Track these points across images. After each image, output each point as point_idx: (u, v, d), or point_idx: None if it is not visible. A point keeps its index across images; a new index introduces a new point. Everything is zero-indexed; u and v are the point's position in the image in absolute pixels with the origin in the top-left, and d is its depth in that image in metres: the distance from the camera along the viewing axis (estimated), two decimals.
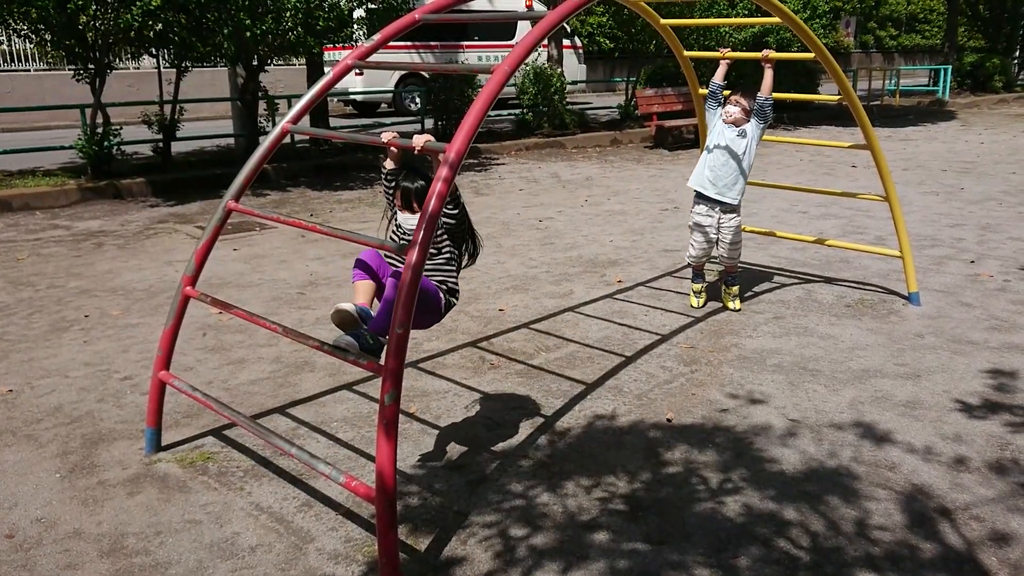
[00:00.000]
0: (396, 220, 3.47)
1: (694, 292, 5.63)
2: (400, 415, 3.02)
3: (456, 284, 3.45)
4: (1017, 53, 27.05)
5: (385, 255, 3.39)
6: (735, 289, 5.58)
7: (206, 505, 3.25)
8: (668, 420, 3.94)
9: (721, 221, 5.35)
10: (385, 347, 3.11)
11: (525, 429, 3.88)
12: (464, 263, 3.56)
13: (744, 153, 5.23)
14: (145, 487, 3.38)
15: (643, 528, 3.06)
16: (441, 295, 3.35)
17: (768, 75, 5.20)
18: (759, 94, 5.21)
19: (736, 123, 5.26)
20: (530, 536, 3.02)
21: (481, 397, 4.23)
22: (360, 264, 3.34)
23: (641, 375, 4.48)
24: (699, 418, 3.96)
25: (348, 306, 3.18)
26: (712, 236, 5.41)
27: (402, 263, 3.10)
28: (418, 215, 3.16)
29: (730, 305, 5.55)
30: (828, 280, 6.20)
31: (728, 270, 5.53)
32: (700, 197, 5.39)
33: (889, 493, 3.27)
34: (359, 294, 3.30)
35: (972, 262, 6.62)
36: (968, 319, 5.28)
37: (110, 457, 3.63)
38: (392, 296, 3.02)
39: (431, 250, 3.30)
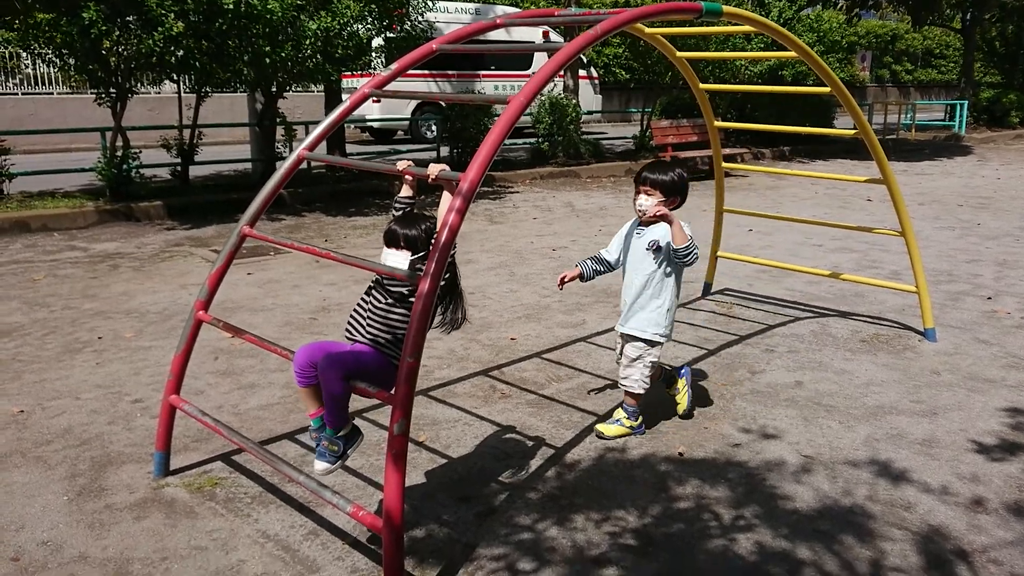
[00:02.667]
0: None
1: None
2: (409, 444, 3.00)
3: None
4: None
5: (356, 317, 3.19)
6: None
7: (212, 531, 3.23)
8: (680, 454, 3.89)
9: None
10: (346, 439, 3.14)
11: (535, 460, 3.84)
12: (443, 330, 3.33)
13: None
14: (152, 512, 3.37)
15: (654, 564, 3.01)
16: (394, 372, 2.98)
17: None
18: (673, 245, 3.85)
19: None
20: (538, 570, 2.98)
21: (491, 427, 4.20)
22: (300, 364, 3.11)
23: (653, 407, 4.44)
24: (711, 452, 3.91)
25: (322, 467, 3.14)
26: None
27: (377, 332, 3.09)
28: (401, 252, 3.10)
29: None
30: (843, 314, 6.15)
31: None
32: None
33: (905, 533, 3.22)
34: (309, 402, 3.16)
35: (989, 298, 6.56)
36: (985, 356, 5.22)
37: (118, 480, 3.62)
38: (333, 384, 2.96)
39: (403, 325, 3.06)
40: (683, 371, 4.37)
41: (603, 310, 6.25)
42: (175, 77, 10.64)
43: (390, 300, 3.10)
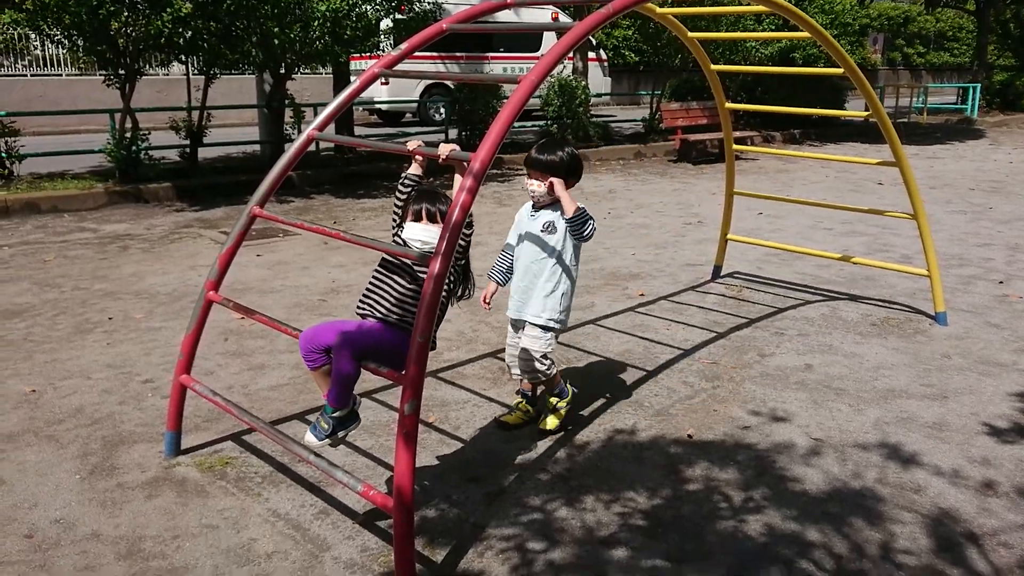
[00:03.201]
0: (401, 233, 3.22)
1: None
2: (419, 425, 3.01)
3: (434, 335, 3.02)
4: None
5: (374, 297, 3.15)
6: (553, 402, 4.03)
7: (224, 510, 3.25)
8: (689, 436, 3.89)
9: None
10: (345, 420, 3.13)
11: (544, 442, 3.84)
12: (453, 303, 3.34)
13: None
14: (163, 490, 3.39)
15: (663, 545, 3.02)
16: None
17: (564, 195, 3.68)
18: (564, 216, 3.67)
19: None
20: (547, 550, 2.99)
21: (500, 408, 4.20)
22: (304, 348, 3.09)
23: (662, 390, 4.44)
24: (720, 435, 3.91)
25: (309, 439, 3.13)
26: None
27: (401, 313, 3.08)
28: (427, 225, 3.11)
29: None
30: (853, 298, 6.12)
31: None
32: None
33: (915, 516, 3.21)
34: (321, 383, 3.15)
35: (1000, 283, 6.52)
36: (996, 340, 5.19)
37: (130, 459, 3.65)
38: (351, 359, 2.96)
39: (416, 297, 3.04)
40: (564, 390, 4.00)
41: (612, 292, 6.24)
42: (183, 58, 10.61)
43: (416, 285, 3.09)
